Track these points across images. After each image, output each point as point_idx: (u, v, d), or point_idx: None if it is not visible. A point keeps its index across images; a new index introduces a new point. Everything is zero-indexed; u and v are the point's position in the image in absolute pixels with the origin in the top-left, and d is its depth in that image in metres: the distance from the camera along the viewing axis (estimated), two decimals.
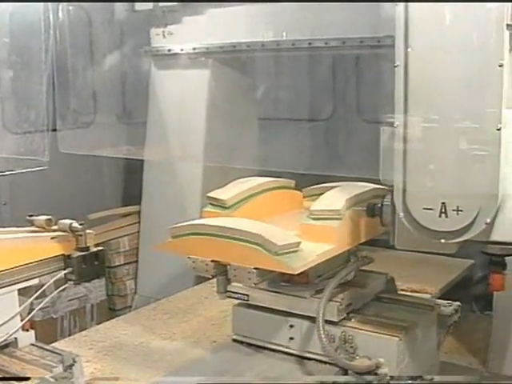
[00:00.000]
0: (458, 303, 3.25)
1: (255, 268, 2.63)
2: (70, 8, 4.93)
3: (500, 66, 2.28)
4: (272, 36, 4.56)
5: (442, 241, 2.46)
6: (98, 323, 4.52)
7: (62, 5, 4.75)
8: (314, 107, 6.27)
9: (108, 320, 4.13)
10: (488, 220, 2.38)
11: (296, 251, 2.64)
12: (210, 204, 3.09)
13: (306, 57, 5.62)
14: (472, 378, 3.28)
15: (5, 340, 2.66)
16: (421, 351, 2.94)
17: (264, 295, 3.03)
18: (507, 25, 2.30)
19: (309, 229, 2.80)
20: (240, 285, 2.92)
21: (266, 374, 2.83)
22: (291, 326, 2.97)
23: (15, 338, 2.71)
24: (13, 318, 2.67)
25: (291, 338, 2.98)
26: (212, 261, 2.75)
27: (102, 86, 5.55)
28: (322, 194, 3.02)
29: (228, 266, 2.71)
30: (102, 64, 5.49)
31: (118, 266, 5.41)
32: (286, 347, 3.00)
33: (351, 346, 2.81)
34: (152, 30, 5.13)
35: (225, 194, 3.08)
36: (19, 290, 2.71)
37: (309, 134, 6.09)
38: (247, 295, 3.05)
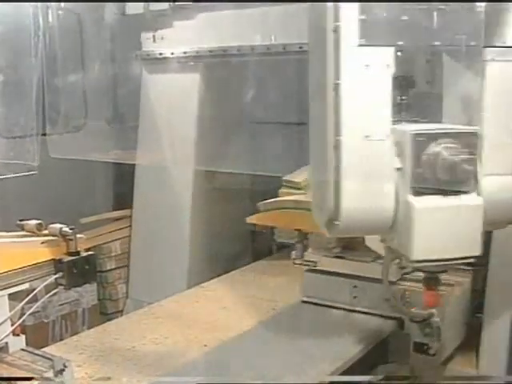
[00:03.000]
0: None
1: None
2: (60, 12, 4.92)
3: None
4: (262, 40, 4.57)
5: None
6: (90, 328, 4.50)
7: (51, 8, 4.74)
8: (305, 110, 6.27)
9: (99, 324, 4.10)
10: None
11: None
12: (284, 186, 3.63)
13: (296, 60, 5.63)
14: (464, 379, 3.34)
15: None
16: (459, 311, 3.50)
17: (331, 261, 3.54)
18: None
19: None
20: (310, 253, 3.56)
21: (265, 374, 2.84)
22: (355, 287, 3.46)
23: (6, 343, 2.68)
24: (3, 322, 2.66)
25: (355, 297, 3.48)
26: (295, 229, 3.44)
27: (92, 90, 5.54)
28: None
29: (310, 234, 3.38)
30: (92, 68, 5.48)
31: (109, 270, 5.39)
32: (350, 304, 3.49)
33: (407, 301, 3.22)
34: (143, 34, 5.13)
35: (298, 177, 3.65)
36: (9, 294, 2.70)
37: (300, 138, 6.09)
38: (315, 262, 3.59)
